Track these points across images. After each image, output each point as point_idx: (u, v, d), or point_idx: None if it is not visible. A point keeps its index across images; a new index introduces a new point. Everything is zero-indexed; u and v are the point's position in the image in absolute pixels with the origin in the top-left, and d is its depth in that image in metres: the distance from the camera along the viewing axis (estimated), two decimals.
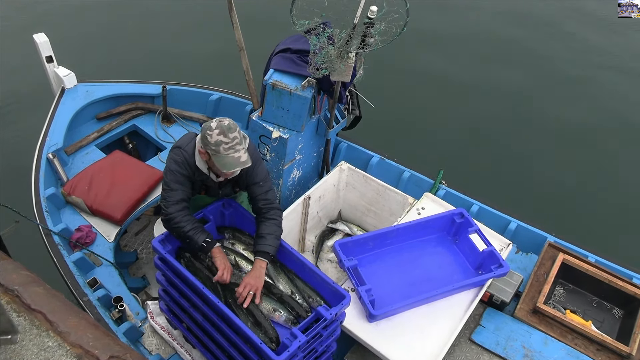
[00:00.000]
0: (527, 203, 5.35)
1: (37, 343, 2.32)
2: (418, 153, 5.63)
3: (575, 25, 8.08)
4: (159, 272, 3.11)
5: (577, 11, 8.38)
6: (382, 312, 3.03)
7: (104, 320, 3.29)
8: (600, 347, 3.38)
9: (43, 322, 2.38)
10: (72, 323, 2.39)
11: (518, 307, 3.55)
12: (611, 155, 6.17)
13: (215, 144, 2.69)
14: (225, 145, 2.69)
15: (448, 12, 8.16)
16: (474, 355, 3.32)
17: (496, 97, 6.77)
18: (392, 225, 3.52)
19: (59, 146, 4.19)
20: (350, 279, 3.18)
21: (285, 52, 3.84)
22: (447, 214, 3.55)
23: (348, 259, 3.20)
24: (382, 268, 3.39)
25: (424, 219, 3.56)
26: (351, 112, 4.29)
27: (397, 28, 3.12)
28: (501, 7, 8.32)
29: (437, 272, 3.41)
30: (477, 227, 3.46)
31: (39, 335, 2.35)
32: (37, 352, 2.29)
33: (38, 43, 4.31)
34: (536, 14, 8.34)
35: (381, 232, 3.42)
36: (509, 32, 7.91)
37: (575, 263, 3.75)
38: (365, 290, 3.06)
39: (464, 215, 3.49)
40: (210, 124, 2.74)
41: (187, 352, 3.31)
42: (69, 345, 2.31)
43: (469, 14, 8.20)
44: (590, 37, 7.89)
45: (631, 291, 3.62)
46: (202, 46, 6.99)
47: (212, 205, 3.12)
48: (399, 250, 3.49)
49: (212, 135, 2.70)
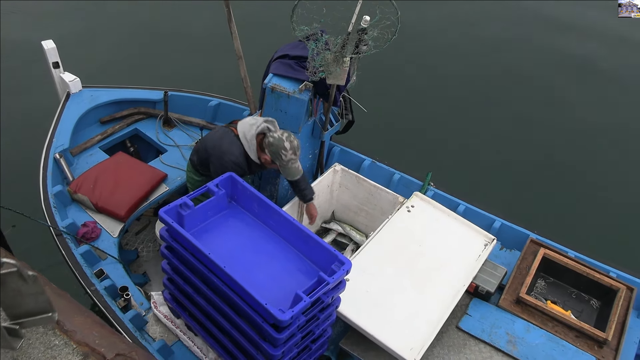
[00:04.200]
0: (512, 204, 5.61)
1: (43, 341, 2.33)
2: (408, 157, 5.88)
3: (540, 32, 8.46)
4: (164, 261, 3.28)
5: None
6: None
7: (111, 308, 3.45)
8: (578, 334, 3.60)
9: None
10: (78, 322, 2.42)
11: (502, 298, 3.77)
12: (593, 155, 6.50)
13: (287, 160, 3.49)
14: (292, 161, 3.51)
15: (433, 15, 8.51)
16: (461, 341, 3.53)
17: (481, 102, 7.10)
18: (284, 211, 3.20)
19: (65, 147, 4.37)
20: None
21: (283, 58, 4.07)
22: (331, 256, 2.95)
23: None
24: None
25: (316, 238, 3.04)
26: (344, 116, 4.53)
27: (389, 34, 3.38)
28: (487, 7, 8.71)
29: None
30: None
31: (45, 334, 2.36)
32: (44, 350, 2.30)
33: (46, 49, 4.51)
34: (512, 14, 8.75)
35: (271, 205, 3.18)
36: (498, 34, 8.29)
37: (556, 257, 3.99)
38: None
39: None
40: (284, 143, 3.44)
41: (189, 339, 3.48)
42: (75, 343, 2.33)
43: (456, 15, 8.58)
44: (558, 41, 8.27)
45: (607, 283, 3.86)
46: (202, 53, 7.25)
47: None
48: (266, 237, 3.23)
49: (286, 155, 3.47)
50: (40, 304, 2.28)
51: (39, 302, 2.28)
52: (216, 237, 3.21)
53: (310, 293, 2.74)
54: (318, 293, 2.76)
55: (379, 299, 3.44)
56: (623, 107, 7.25)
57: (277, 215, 3.19)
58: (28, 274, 2.16)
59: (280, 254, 3.17)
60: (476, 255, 3.80)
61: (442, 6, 8.73)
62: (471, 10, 8.79)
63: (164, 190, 4.39)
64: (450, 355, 3.45)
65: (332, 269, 2.89)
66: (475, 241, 3.89)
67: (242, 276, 2.77)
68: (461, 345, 3.51)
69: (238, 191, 3.33)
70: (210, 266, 2.87)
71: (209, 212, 3.28)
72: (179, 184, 4.47)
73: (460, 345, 3.50)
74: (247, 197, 3.29)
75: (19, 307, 2.22)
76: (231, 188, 3.33)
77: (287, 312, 2.63)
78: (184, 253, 3.02)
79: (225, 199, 3.31)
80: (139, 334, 3.39)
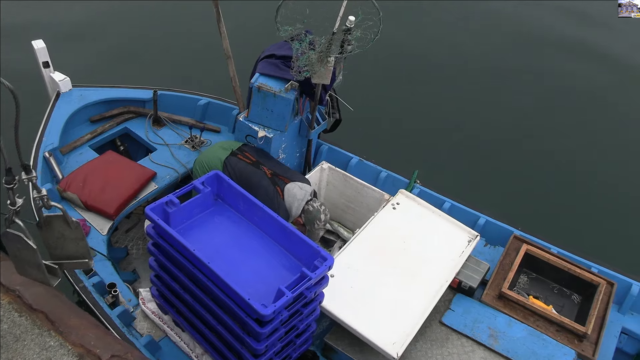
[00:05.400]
0: (497, 201, 5.69)
1: (38, 342, 2.34)
2: (395, 155, 5.94)
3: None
4: (151, 258, 3.33)
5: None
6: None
7: (98, 304, 3.49)
8: (559, 328, 3.67)
9: (44, 322, 2.42)
10: (73, 323, 2.45)
11: (485, 293, 3.84)
12: (578, 153, 6.61)
13: (317, 229, 4.01)
14: (321, 230, 4.16)
15: (415, 17, 8.61)
16: (443, 335, 3.60)
17: (468, 100, 7.19)
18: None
19: (54, 146, 4.41)
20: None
21: (270, 58, 4.13)
22: (313, 252, 3.03)
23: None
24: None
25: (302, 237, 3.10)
26: (332, 115, 4.59)
27: (372, 35, 3.44)
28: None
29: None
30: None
31: (41, 335, 2.37)
32: (39, 351, 2.31)
33: (36, 49, 4.55)
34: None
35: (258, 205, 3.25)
36: (481, 30, 8.42)
37: (538, 253, 4.06)
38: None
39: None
40: (320, 215, 3.94)
41: (177, 335, 3.53)
42: (70, 344, 2.35)
43: (440, 16, 8.67)
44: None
45: (588, 278, 3.93)
46: (191, 53, 7.30)
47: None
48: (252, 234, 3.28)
49: (319, 225, 3.98)
50: (80, 249, 2.49)
51: (79, 247, 2.47)
52: (202, 234, 3.26)
53: (293, 288, 2.81)
54: (300, 288, 2.83)
55: (363, 294, 3.50)
56: (600, 102, 7.38)
57: (262, 213, 3.25)
58: (72, 220, 2.28)
59: (265, 250, 3.23)
60: (459, 251, 3.87)
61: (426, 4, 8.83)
62: (451, 5, 8.88)
63: (153, 188, 4.44)
64: (433, 350, 3.51)
65: (315, 264, 2.95)
66: (459, 238, 3.96)
67: (226, 272, 2.83)
68: (444, 339, 3.57)
69: (224, 189, 3.39)
70: (195, 262, 2.93)
71: (195, 210, 3.34)
72: (168, 182, 4.52)
73: (443, 340, 3.57)
74: (233, 195, 3.35)
75: (61, 250, 2.39)
76: (217, 186, 3.39)
77: (270, 307, 2.69)
78: (169, 250, 3.08)
79: (211, 196, 3.37)
80: (127, 330, 3.44)
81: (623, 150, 6.70)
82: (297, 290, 2.79)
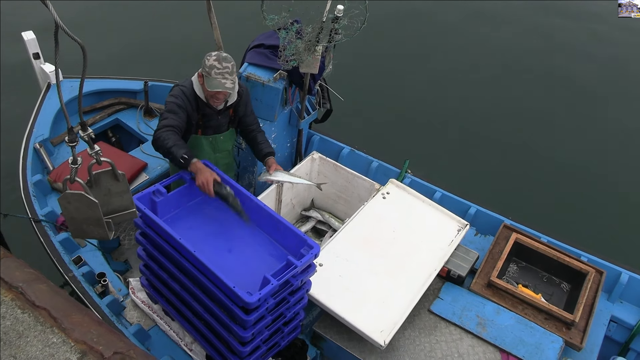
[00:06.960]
0: (488, 190, 5.70)
1: (41, 339, 2.34)
2: (386, 145, 5.96)
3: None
4: (140, 248, 3.35)
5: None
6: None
7: (88, 293, 3.51)
8: (547, 316, 3.69)
9: (47, 319, 2.42)
10: (76, 319, 2.45)
11: (474, 282, 3.85)
12: (569, 142, 6.63)
13: (209, 67, 3.21)
14: (216, 70, 3.21)
15: (405, 6, 8.58)
16: (432, 323, 3.61)
17: (460, 90, 7.20)
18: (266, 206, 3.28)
19: (45, 137, 4.41)
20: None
21: (259, 48, 4.13)
22: (300, 241, 3.07)
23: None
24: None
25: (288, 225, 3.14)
26: (322, 105, 4.58)
27: (359, 23, 3.43)
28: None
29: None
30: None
31: (44, 332, 2.37)
32: (42, 348, 2.31)
33: (26, 40, 4.54)
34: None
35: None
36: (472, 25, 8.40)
37: (527, 242, 4.07)
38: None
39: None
40: (212, 52, 3.27)
41: (166, 324, 3.55)
42: (73, 341, 2.35)
43: (430, 6, 8.67)
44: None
45: (577, 267, 3.94)
46: (182, 43, 7.28)
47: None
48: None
49: (209, 60, 3.23)
50: (125, 201, 2.54)
51: (124, 200, 2.53)
52: (190, 223, 3.28)
53: (279, 276, 2.82)
54: (286, 276, 2.84)
55: (352, 283, 3.51)
56: (593, 93, 7.39)
57: (250, 202, 3.26)
58: (119, 172, 2.44)
59: (252, 239, 3.25)
60: (449, 240, 3.89)
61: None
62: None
63: (144, 179, 4.44)
64: (421, 338, 3.53)
65: (301, 252, 2.97)
66: (448, 227, 3.97)
67: (213, 261, 2.84)
68: (432, 327, 3.59)
69: None
70: (182, 251, 2.94)
71: (183, 199, 3.35)
72: (159, 172, 4.52)
73: (431, 328, 3.59)
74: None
75: (107, 206, 2.48)
76: None
77: (255, 295, 2.71)
78: (157, 239, 3.09)
79: None
80: (116, 319, 3.46)
81: (611, 140, 6.72)
82: (282, 278, 2.81)
